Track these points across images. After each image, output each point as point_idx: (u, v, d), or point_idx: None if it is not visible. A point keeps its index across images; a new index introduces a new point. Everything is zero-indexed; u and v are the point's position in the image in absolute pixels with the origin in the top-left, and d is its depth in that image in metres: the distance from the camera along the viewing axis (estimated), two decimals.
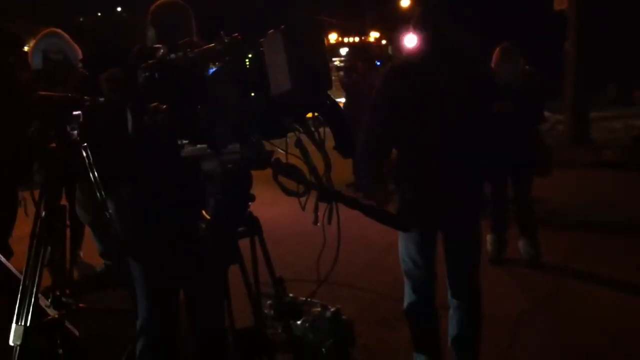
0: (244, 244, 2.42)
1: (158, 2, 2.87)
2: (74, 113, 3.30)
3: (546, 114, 7.88)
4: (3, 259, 3.89)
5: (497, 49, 5.77)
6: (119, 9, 31.41)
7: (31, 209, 3.70)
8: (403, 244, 3.54)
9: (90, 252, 5.39)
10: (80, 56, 4.88)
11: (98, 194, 3.61)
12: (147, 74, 2.06)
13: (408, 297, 3.60)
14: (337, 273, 2.68)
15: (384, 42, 25.22)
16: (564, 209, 7.86)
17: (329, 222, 2.17)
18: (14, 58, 4.96)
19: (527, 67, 5.98)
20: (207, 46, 2.00)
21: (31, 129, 4.25)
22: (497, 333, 4.16)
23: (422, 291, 3.54)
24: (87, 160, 3.40)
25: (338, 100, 10.62)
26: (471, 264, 3.56)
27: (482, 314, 3.57)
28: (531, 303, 4.92)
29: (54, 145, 3.40)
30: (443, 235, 3.52)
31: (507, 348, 4.13)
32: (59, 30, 4.93)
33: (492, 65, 5.69)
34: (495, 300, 4.36)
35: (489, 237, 5.83)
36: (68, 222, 3.67)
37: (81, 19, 27.95)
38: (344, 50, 17.10)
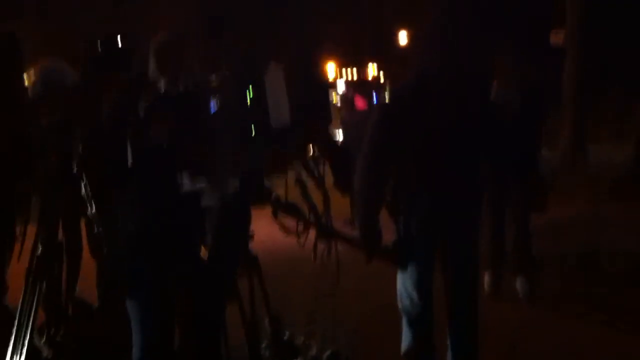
0: (242, 282, 2.40)
1: (160, 34, 2.88)
2: (74, 142, 3.28)
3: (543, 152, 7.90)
4: None
5: (500, 73, 5.80)
6: (117, 32, 31.65)
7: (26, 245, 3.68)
8: (400, 280, 3.51)
9: (87, 288, 5.33)
10: None
11: (95, 227, 3.58)
12: (147, 105, 2.07)
13: (405, 338, 3.55)
14: (334, 308, 2.65)
15: (381, 76, 25.44)
16: (560, 243, 7.82)
17: (328, 258, 2.16)
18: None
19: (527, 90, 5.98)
20: (208, 80, 2.01)
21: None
22: None
23: (419, 328, 3.49)
24: (85, 190, 3.37)
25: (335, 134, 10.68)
26: (469, 293, 3.56)
27: (478, 350, 3.55)
28: (523, 336, 4.89)
29: (52, 174, 3.38)
30: (441, 261, 3.52)
31: None
32: (59, 59, 4.92)
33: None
34: (486, 332, 4.34)
35: (486, 273, 5.78)
36: (65, 259, 3.63)
37: (82, 44, 28.13)
38: (340, 85, 17.23)
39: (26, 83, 4.86)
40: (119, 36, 3.10)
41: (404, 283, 3.48)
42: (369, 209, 3.46)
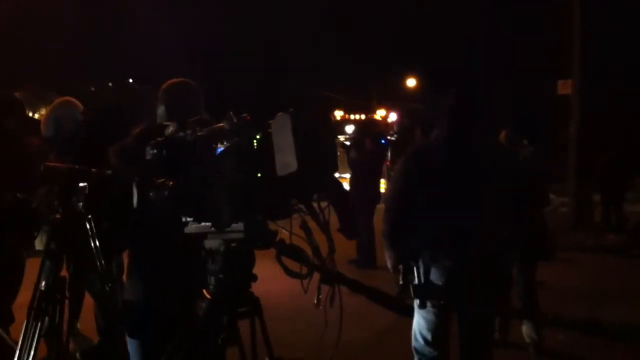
0: (243, 324, 2.38)
1: (169, 81, 2.93)
2: (80, 185, 3.31)
3: (551, 196, 7.89)
4: None
5: (502, 132, 5.89)
6: (130, 79, 32.05)
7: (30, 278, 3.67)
8: (416, 319, 3.57)
9: (89, 324, 5.31)
10: None
11: (99, 265, 3.58)
12: (155, 150, 2.09)
13: None
14: (338, 354, 2.62)
15: (390, 120, 25.66)
16: (567, 294, 7.76)
17: (331, 305, 2.15)
18: (13, 121, 4.97)
19: (530, 149, 6.05)
20: (215, 125, 2.03)
21: (38, 195, 4.27)
22: None
23: None
24: (90, 232, 3.39)
25: (343, 176, 10.70)
26: (483, 342, 3.60)
27: None
28: None
29: (58, 215, 3.40)
30: (457, 314, 3.56)
31: None
32: (73, 100, 4.99)
33: None
34: None
35: None
36: (67, 294, 3.63)
37: (92, 88, 28.50)
38: (349, 128, 17.33)
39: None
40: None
41: (419, 322, 3.52)
42: (397, 253, 3.55)
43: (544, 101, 20.08)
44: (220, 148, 1.99)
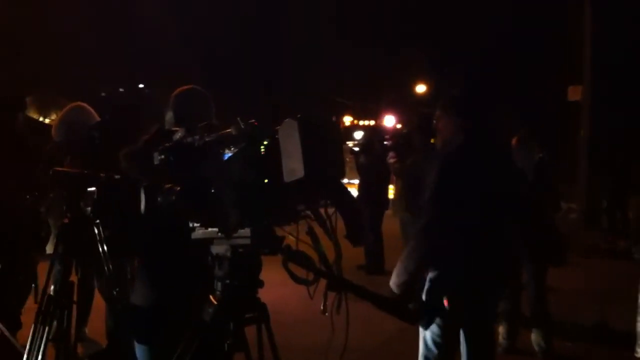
0: (250, 330, 2.38)
1: (179, 88, 2.95)
2: (89, 190, 3.32)
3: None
4: (6, 332, 3.85)
5: (516, 136, 5.88)
6: (141, 85, 32.16)
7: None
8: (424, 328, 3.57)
9: (97, 328, 5.32)
10: None
11: (106, 270, 3.59)
12: (163, 156, 2.09)
13: None
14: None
15: (398, 125, 25.69)
16: (577, 300, 7.72)
17: (338, 312, 2.14)
18: (21, 117, 5.01)
19: (541, 155, 6.04)
20: (223, 131, 2.03)
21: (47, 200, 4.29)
22: None
23: None
24: (98, 237, 3.40)
25: (352, 181, 10.67)
26: (489, 351, 3.60)
27: None
28: None
29: (66, 220, 3.42)
30: (465, 322, 3.57)
31: None
32: (84, 104, 5.00)
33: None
34: None
35: (500, 327, 5.72)
36: (75, 298, 3.64)
37: (103, 94, 28.59)
38: (358, 134, 17.35)
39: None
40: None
41: (431, 327, 3.53)
42: (412, 277, 3.53)
43: (555, 105, 20.01)
44: (228, 154, 1.99)
